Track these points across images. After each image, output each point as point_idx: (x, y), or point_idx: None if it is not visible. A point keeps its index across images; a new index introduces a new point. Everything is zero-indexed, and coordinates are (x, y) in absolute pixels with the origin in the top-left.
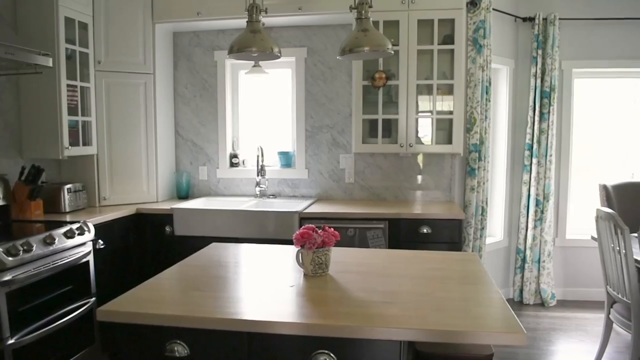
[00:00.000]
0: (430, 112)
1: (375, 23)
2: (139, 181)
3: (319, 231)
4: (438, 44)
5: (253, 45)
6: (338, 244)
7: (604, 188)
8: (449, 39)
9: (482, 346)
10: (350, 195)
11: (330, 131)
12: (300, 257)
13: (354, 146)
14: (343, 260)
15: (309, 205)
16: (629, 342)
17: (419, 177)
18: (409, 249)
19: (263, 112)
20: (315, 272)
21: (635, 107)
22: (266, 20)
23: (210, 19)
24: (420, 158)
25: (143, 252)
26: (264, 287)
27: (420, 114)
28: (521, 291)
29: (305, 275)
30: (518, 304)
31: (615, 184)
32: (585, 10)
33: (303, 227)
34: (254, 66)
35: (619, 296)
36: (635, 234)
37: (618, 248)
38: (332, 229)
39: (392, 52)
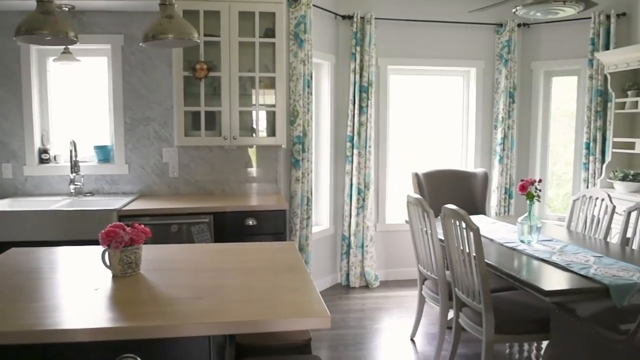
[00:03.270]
0: (254, 104)
1: (195, 12)
2: None
3: (128, 229)
4: (260, 37)
5: (44, 27)
6: (161, 241)
7: (416, 176)
8: (270, 32)
9: (300, 332)
10: (175, 190)
11: (152, 124)
12: (107, 257)
13: (176, 139)
14: (159, 257)
15: (129, 202)
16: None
17: (246, 170)
18: (235, 242)
19: (77, 104)
20: (124, 272)
21: (445, 102)
22: (77, 3)
23: None
24: (249, 151)
25: None
26: (65, 292)
27: (243, 107)
28: (348, 275)
29: (114, 276)
30: (345, 287)
31: (425, 172)
32: (400, 11)
33: (109, 225)
34: (64, 52)
35: (428, 273)
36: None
37: (425, 229)
38: (143, 226)
39: (198, 41)
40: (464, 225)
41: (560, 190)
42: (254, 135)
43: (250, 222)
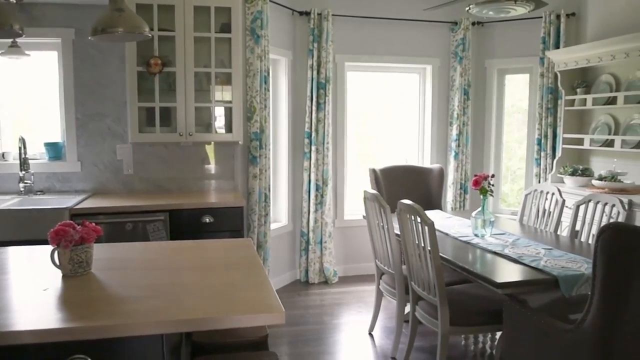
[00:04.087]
0: (210, 100)
1: (149, 6)
2: None
3: (78, 227)
4: (215, 32)
5: None
6: (115, 240)
7: (373, 172)
8: (226, 27)
9: (257, 329)
10: (129, 187)
11: (105, 120)
12: (57, 256)
13: (130, 136)
14: (112, 256)
15: (82, 200)
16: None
17: (202, 167)
18: (191, 240)
19: (25, 99)
20: (75, 271)
21: (402, 99)
22: None
23: None
24: (206, 147)
25: None
26: (13, 294)
27: (199, 103)
28: (307, 272)
29: (64, 276)
30: (304, 284)
31: (382, 168)
32: (357, 8)
33: (59, 223)
34: (11, 46)
35: (386, 268)
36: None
37: (382, 224)
38: (93, 224)
39: (150, 35)
40: (419, 219)
41: (515, 185)
42: (210, 131)
43: (207, 220)
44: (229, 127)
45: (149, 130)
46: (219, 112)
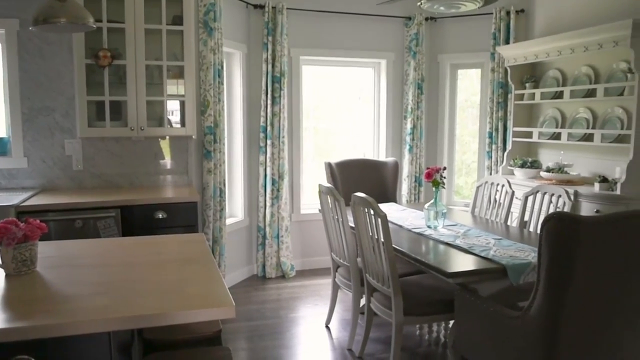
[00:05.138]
0: (162, 94)
1: None
2: None
3: (22, 224)
4: (167, 24)
5: None
6: (65, 238)
7: (329, 165)
8: (178, 19)
9: (210, 324)
10: (79, 184)
11: (53, 114)
12: None
13: (79, 130)
14: (60, 254)
15: (29, 197)
16: None
17: (155, 162)
18: (144, 236)
19: None
20: (18, 270)
21: (357, 93)
22: None
23: None
24: (159, 142)
25: None
26: None
27: (151, 96)
28: (264, 266)
29: (7, 275)
30: (262, 278)
31: (338, 162)
32: (311, 2)
33: (1, 221)
34: None
35: (341, 261)
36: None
37: (337, 217)
38: (38, 221)
39: (94, 26)
40: (372, 212)
41: (469, 178)
42: (162, 125)
43: (160, 216)
44: (182, 121)
45: (98, 124)
46: (172, 106)
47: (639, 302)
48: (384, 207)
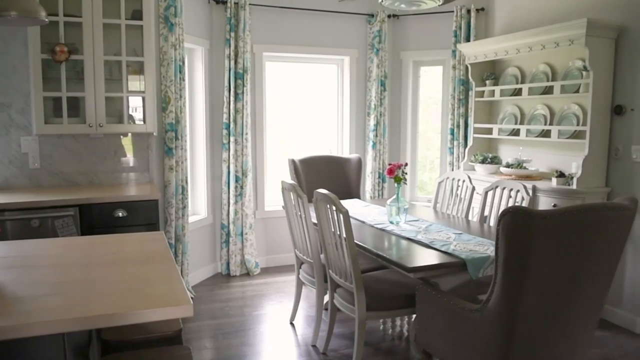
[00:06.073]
0: (121, 90)
1: None
2: None
3: None
4: (126, 19)
5: None
6: (21, 238)
7: (293, 162)
8: (137, 14)
9: (170, 323)
10: (36, 182)
11: (8, 111)
12: None
13: (35, 127)
14: (14, 254)
15: None
16: None
17: (115, 159)
18: (102, 235)
19: None
20: None
21: (321, 90)
22: None
23: None
24: (121, 139)
25: None
26: None
27: (110, 92)
28: (228, 264)
29: None
30: (226, 276)
31: (302, 158)
32: None
33: None
34: None
35: (305, 257)
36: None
37: (300, 214)
38: None
39: (47, 20)
40: (334, 208)
41: (433, 174)
42: (122, 122)
43: (120, 214)
44: (142, 118)
45: (56, 121)
46: (132, 103)
47: (592, 292)
48: (347, 203)
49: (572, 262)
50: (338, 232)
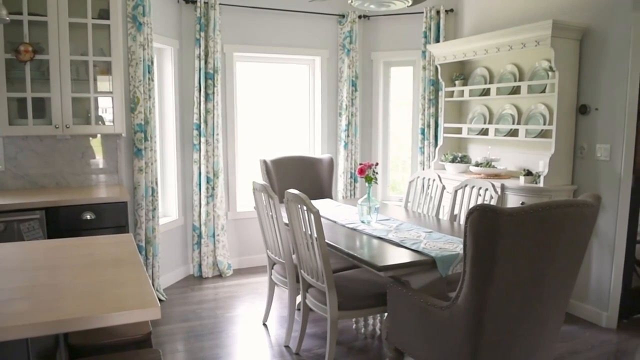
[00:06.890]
0: (88, 90)
1: None
2: None
3: None
4: (93, 18)
5: None
6: None
7: (264, 163)
8: (104, 13)
9: (139, 326)
10: (1, 185)
11: None
12: None
13: None
14: None
15: None
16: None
17: (83, 161)
18: (69, 238)
19: None
20: None
21: (292, 90)
22: None
23: None
24: (86, 140)
25: None
26: None
27: (76, 93)
28: (200, 266)
29: None
30: (198, 278)
31: (273, 159)
32: None
33: None
34: None
35: (277, 258)
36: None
37: (271, 214)
38: None
39: (8, 19)
40: (305, 208)
41: (405, 173)
42: (90, 123)
43: (88, 217)
44: (110, 119)
45: (20, 122)
46: (101, 104)
47: (558, 287)
48: (319, 203)
49: (538, 258)
50: (309, 232)
